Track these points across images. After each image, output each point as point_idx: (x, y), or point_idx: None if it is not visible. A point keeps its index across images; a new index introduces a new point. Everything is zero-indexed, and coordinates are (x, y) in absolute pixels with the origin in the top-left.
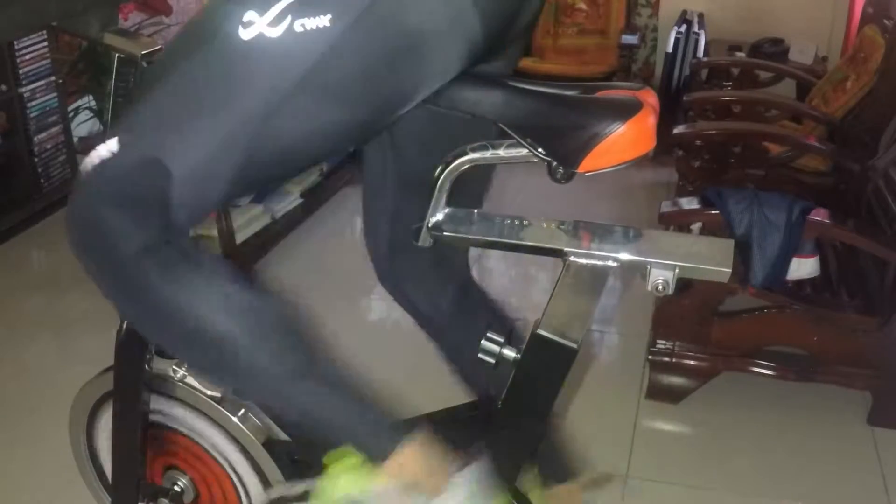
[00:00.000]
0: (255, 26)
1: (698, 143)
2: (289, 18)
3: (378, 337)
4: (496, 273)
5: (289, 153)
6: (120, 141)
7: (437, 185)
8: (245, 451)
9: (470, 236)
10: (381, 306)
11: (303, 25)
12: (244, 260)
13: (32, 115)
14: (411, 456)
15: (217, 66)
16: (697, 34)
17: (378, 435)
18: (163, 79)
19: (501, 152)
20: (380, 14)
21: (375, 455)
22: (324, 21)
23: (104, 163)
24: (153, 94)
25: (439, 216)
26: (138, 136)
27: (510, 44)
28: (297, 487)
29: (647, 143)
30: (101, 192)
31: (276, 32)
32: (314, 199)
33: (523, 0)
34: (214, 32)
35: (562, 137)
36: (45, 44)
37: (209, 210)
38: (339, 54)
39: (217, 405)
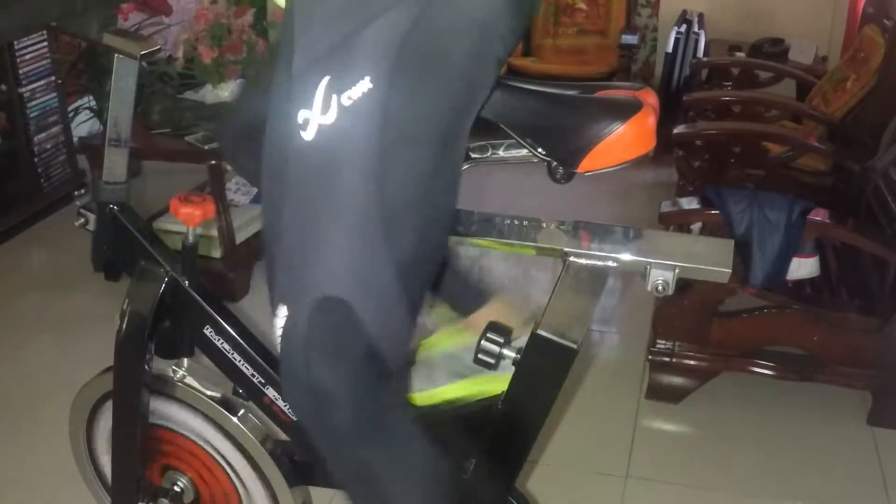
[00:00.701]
0: (311, 123)
1: (698, 143)
2: (334, 98)
3: None
4: (496, 273)
5: (420, 221)
6: (290, 307)
7: None
8: (245, 451)
9: (470, 236)
10: None
11: (349, 98)
12: (244, 260)
13: (32, 115)
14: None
15: (305, 181)
16: (697, 34)
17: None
18: (276, 226)
19: (501, 152)
20: (412, 55)
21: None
22: (366, 85)
23: (293, 332)
24: (278, 250)
25: None
26: (297, 292)
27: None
28: None
29: (647, 143)
30: (309, 357)
31: (330, 118)
32: None
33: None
34: (286, 154)
35: (561, 137)
36: (45, 44)
37: (405, 332)
38: (395, 107)
39: (217, 405)
